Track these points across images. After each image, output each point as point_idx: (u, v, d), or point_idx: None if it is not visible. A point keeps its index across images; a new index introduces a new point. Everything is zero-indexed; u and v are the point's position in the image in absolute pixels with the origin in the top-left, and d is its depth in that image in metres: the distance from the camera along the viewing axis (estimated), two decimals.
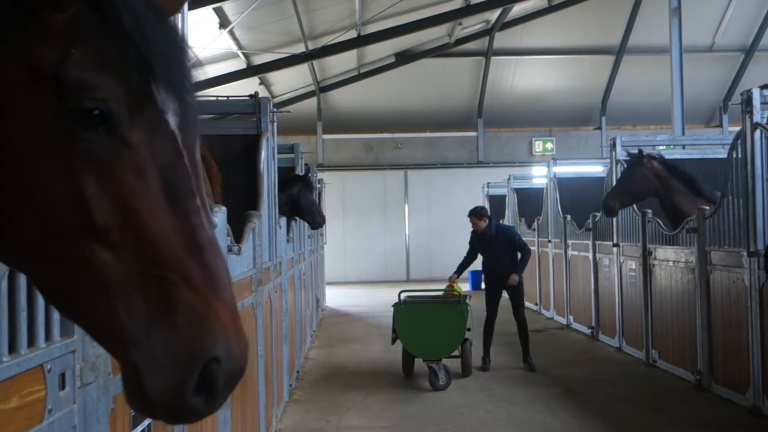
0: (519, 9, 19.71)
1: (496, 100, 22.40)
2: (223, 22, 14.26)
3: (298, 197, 8.67)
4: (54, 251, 1.08)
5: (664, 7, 15.24)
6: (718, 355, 7.12)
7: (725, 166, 7.09)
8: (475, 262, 9.27)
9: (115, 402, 2.11)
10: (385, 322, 10.76)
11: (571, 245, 11.97)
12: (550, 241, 13.20)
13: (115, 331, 1.09)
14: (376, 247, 22.44)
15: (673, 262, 8.06)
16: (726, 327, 6.94)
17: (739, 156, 6.67)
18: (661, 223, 8.49)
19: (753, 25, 21.16)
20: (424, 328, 7.73)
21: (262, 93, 8.47)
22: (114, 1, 1.09)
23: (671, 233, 8.18)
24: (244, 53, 16.70)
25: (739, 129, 6.73)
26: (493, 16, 19.92)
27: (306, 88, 21.40)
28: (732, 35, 21.18)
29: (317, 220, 9.07)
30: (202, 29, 13.75)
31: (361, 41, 17.60)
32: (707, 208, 7.38)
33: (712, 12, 20.36)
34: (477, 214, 8.95)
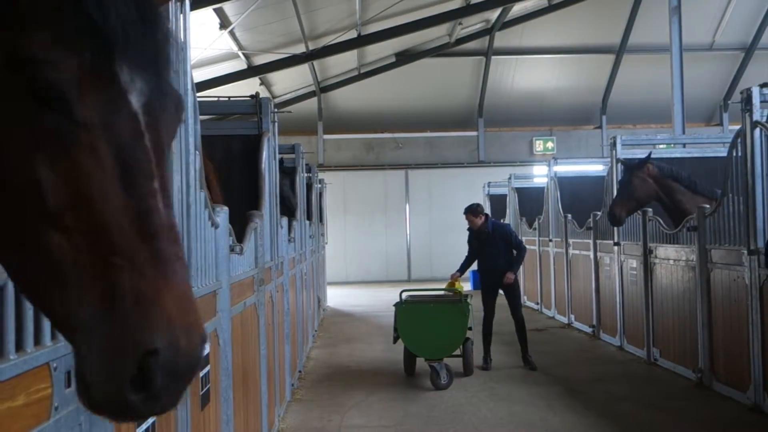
0: (519, 8, 19.73)
1: (496, 99, 22.42)
2: (224, 23, 14.29)
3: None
4: (17, 237, 1.06)
5: (664, 6, 15.25)
6: (719, 353, 7.14)
7: (725, 165, 7.11)
8: (475, 261, 9.26)
9: None
10: (387, 321, 10.78)
11: (572, 244, 11.99)
12: (551, 240, 13.21)
13: (68, 318, 1.05)
14: (377, 246, 22.46)
15: (673, 260, 8.08)
16: (727, 325, 6.95)
17: (739, 154, 6.69)
18: (661, 221, 8.51)
19: (753, 24, 21.17)
20: (425, 328, 7.75)
21: (263, 93, 8.46)
22: None
23: (672, 232, 8.19)
24: (244, 54, 16.72)
25: (739, 127, 6.75)
26: (493, 15, 19.94)
27: (306, 89, 21.42)
28: (732, 34, 21.19)
29: (293, 202, 9.09)
30: (202, 30, 13.77)
31: (362, 41, 17.62)
32: (707, 206, 7.40)
33: (712, 11, 20.37)
34: (473, 211, 8.95)
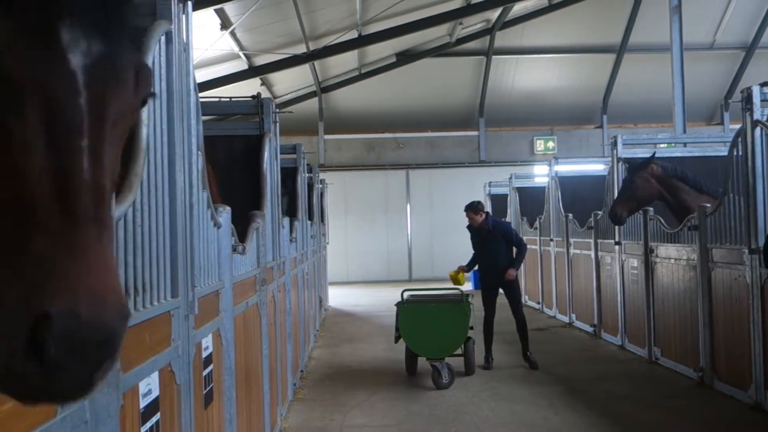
0: (519, 8, 19.75)
1: (497, 99, 22.43)
2: (225, 24, 14.31)
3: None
4: None
5: (665, 6, 15.27)
6: (720, 352, 7.15)
7: (726, 164, 7.12)
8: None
9: (125, 398, 2.14)
10: (388, 321, 10.81)
11: (573, 244, 12.00)
12: (552, 239, 13.22)
13: None
14: (379, 246, 22.48)
15: (674, 259, 8.09)
16: (728, 324, 6.96)
17: (740, 153, 6.70)
18: (662, 221, 8.52)
19: (754, 23, 21.17)
20: (427, 327, 7.76)
21: (264, 94, 8.45)
22: None
23: (673, 231, 8.20)
24: (245, 54, 16.74)
25: (739, 127, 6.76)
26: (494, 15, 19.95)
27: (307, 89, 21.44)
28: (733, 33, 21.20)
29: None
30: (203, 31, 13.79)
31: (362, 41, 17.64)
32: (708, 205, 7.41)
33: (712, 10, 20.38)
34: (473, 208, 8.96)
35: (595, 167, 16.12)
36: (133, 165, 2.38)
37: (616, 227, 9.67)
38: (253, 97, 6.57)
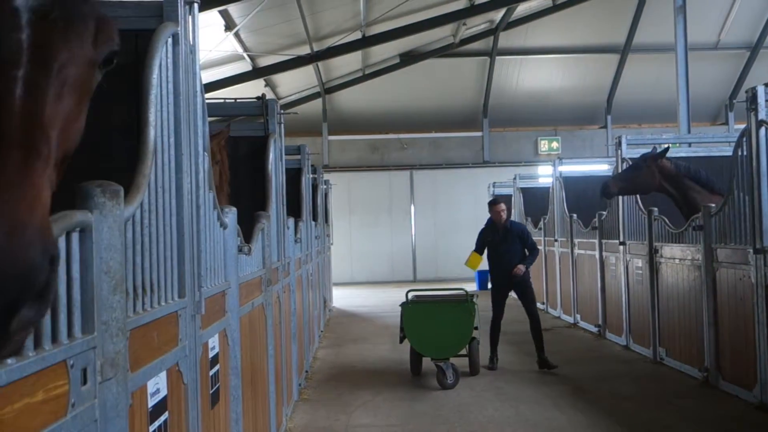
0: (523, 8, 19.74)
1: (501, 99, 22.43)
2: (229, 25, 14.34)
3: None
4: None
5: (669, 5, 15.25)
6: (726, 352, 7.14)
7: (731, 164, 7.11)
8: (483, 261, 9.15)
9: (133, 398, 2.16)
10: (392, 321, 10.82)
11: (577, 244, 11.99)
12: (556, 240, 13.22)
13: None
14: (383, 247, 22.49)
15: (679, 259, 8.08)
16: (733, 324, 6.96)
17: (745, 153, 6.69)
18: (666, 221, 8.51)
19: (758, 23, 21.12)
20: (431, 327, 7.77)
21: (268, 95, 8.46)
22: None
23: (677, 231, 8.20)
24: (249, 55, 16.77)
25: (744, 126, 6.75)
26: (498, 15, 19.95)
27: (311, 90, 21.48)
28: (737, 33, 21.16)
29: None
30: (208, 32, 13.82)
31: (366, 42, 17.66)
32: (713, 205, 7.40)
33: (717, 9, 20.35)
34: (501, 203, 8.81)
35: (600, 167, 16.12)
36: (140, 166, 2.41)
37: (621, 226, 9.67)
38: (257, 98, 6.58)
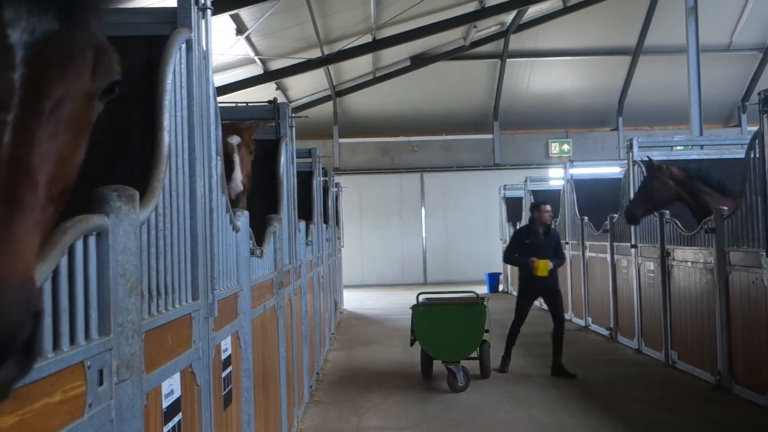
0: (534, 11, 19.72)
1: (511, 102, 22.41)
2: (240, 29, 14.42)
3: None
4: None
5: (681, 7, 15.19)
6: (738, 356, 7.10)
7: (743, 166, 7.07)
8: (494, 264, 9.12)
9: (148, 399, 2.19)
10: (403, 324, 10.82)
11: (588, 247, 11.96)
12: (567, 242, 13.16)
13: None
14: (393, 250, 22.51)
15: (691, 262, 8.05)
16: (745, 327, 6.92)
17: (758, 156, 6.66)
18: (678, 223, 8.48)
19: None
20: (442, 330, 7.78)
21: (279, 98, 8.52)
22: None
23: (689, 234, 8.16)
24: (260, 59, 16.86)
25: (757, 128, 6.72)
26: (508, 18, 19.94)
27: (322, 93, 21.55)
28: (750, 34, 21.04)
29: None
30: (219, 35, 13.91)
31: (377, 45, 17.71)
32: (725, 208, 7.37)
33: (729, 11, 20.24)
34: (548, 204, 8.68)
35: (611, 170, 16.04)
36: (155, 170, 2.44)
37: (632, 229, 9.64)
38: (269, 102, 6.61)
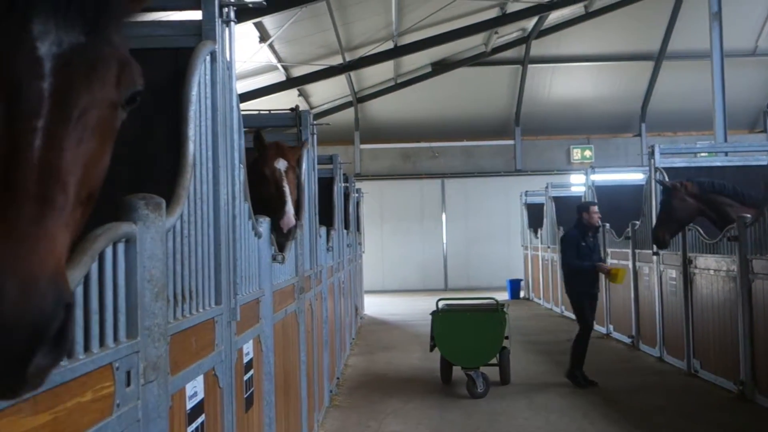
0: (556, 16, 19.69)
1: (533, 107, 22.36)
2: (263, 36, 14.60)
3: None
4: None
5: (705, 12, 15.05)
6: (762, 365, 7.02)
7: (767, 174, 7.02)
8: (515, 270, 9.10)
9: (173, 400, 2.27)
10: (423, 330, 10.84)
11: (610, 254, 11.89)
12: None
13: None
14: (414, 255, 22.54)
15: (714, 270, 7.99)
16: None
17: None
18: (701, 231, 8.41)
19: None
20: (461, 336, 7.80)
21: (301, 104, 8.71)
22: None
23: (712, 241, 8.10)
24: (283, 66, 17.03)
25: None
26: (530, 24, 19.93)
27: (343, 99, 21.68)
28: None
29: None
30: (243, 43, 14.09)
31: (398, 52, 17.80)
32: (748, 216, 7.31)
33: (753, 15, 20.02)
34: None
35: (634, 176, 15.95)
36: (180, 179, 2.52)
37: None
38: (291, 109, 6.71)
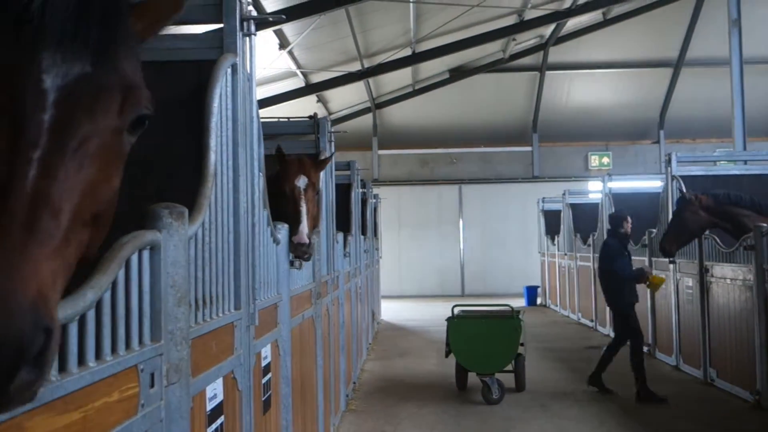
0: (574, 23, 19.67)
1: (551, 114, 22.33)
2: (283, 43, 14.76)
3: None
4: None
5: (724, 19, 14.98)
6: None
7: None
8: (532, 277, 9.12)
9: (194, 401, 2.36)
10: (439, 336, 10.89)
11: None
12: None
13: None
14: (431, 261, 22.57)
15: (730, 279, 7.96)
16: None
17: None
18: (717, 240, 8.38)
19: None
20: (477, 342, 7.84)
21: (319, 110, 8.78)
22: None
23: (728, 250, 8.07)
24: (302, 72, 17.19)
25: None
26: (548, 30, 19.93)
27: (362, 105, 21.82)
28: None
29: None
30: (263, 50, 14.26)
31: (416, 58, 17.89)
32: (765, 225, 7.28)
33: None
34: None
35: (652, 184, 15.86)
36: (202, 188, 2.62)
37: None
38: (309, 117, 6.81)
